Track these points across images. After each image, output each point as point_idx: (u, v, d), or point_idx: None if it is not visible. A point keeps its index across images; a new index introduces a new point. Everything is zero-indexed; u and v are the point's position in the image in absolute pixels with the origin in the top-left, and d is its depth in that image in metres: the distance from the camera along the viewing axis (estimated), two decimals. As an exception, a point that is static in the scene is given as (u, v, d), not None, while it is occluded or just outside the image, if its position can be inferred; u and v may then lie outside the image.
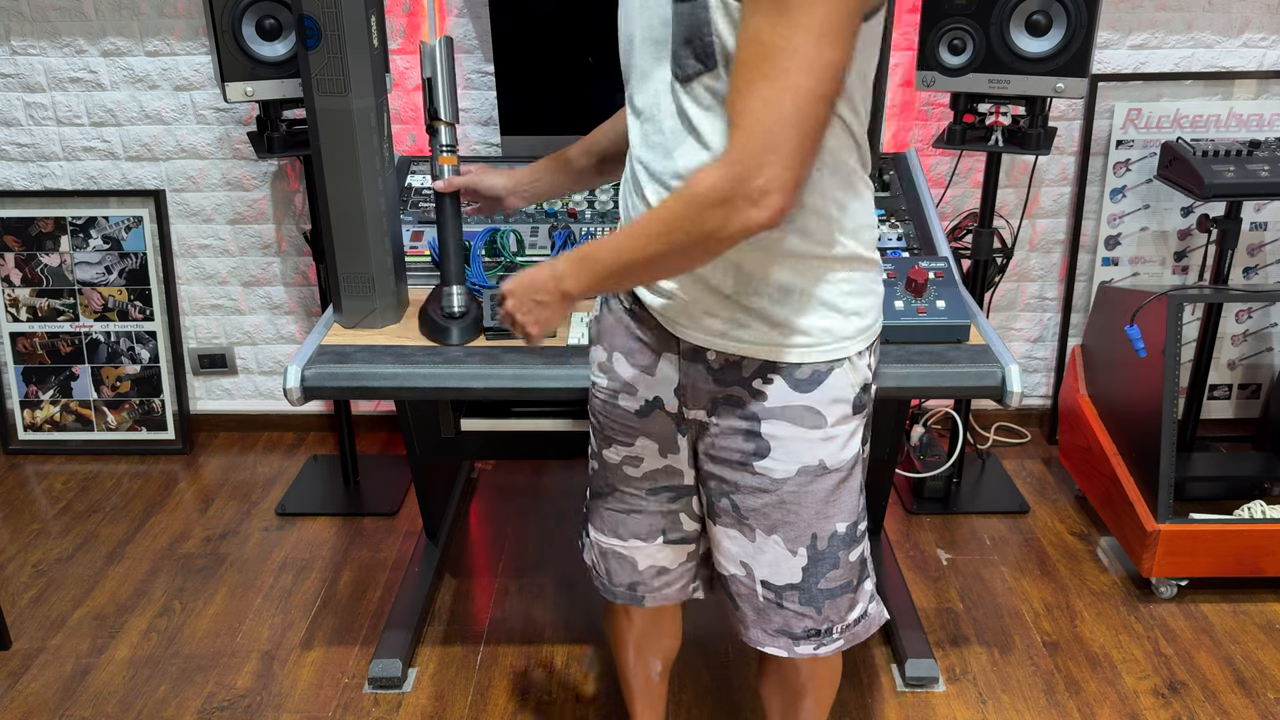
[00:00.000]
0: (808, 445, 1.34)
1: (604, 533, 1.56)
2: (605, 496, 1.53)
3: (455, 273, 1.84)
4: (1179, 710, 2.07)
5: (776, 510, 1.37)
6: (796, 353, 1.30)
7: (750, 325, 1.28)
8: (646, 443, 1.45)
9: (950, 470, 2.77)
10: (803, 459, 1.34)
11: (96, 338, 3.02)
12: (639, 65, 1.25)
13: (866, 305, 1.32)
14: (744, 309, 1.28)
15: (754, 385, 1.32)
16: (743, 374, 1.32)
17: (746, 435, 1.34)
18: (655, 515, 1.50)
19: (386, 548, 2.61)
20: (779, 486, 1.35)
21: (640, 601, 1.58)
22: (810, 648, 1.44)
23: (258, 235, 2.95)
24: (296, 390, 1.76)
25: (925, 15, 2.30)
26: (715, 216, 1.09)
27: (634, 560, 1.54)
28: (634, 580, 1.56)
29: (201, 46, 2.75)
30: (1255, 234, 2.90)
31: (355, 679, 2.17)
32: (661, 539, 1.52)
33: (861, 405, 1.36)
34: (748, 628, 1.47)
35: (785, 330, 1.28)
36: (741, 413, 1.34)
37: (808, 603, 1.42)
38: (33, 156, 2.89)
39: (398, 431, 3.16)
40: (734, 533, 1.41)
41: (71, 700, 2.11)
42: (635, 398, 1.43)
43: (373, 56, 1.81)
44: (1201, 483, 2.71)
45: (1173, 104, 2.77)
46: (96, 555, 2.58)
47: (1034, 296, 3.00)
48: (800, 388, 1.31)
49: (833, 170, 1.23)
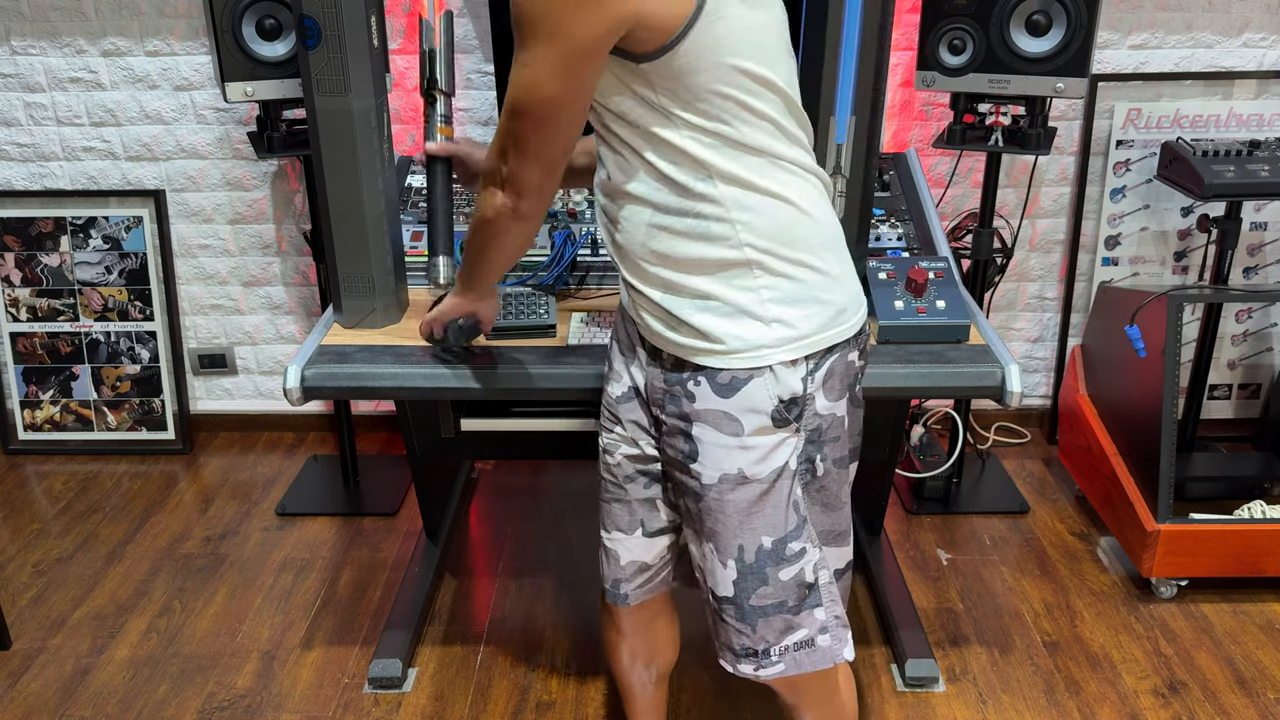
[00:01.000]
0: (726, 452, 1.34)
1: (601, 525, 1.59)
2: (600, 486, 1.58)
3: (444, 242, 1.76)
4: (1179, 710, 2.07)
5: (707, 517, 1.39)
6: (715, 358, 1.32)
7: (679, 329, 1.33)
8: (624, 429, 1.49)
9: (950, 470, 2.77)
10: (723, 465, 1.35)
11: (96, 338, 3.02)
12: None
13: (797, 315, 1.31)
14: (672, 315, 1.33)
15: (688, 386, 1.35)
16: (681, 374, 1.36)
17: (683, 435, 1.38)
18: (634, 504, 1.52)
19: (386, 548, 2.61)
20: (706, 492, 1.38)
21: (624, 600, 1.59)
22: (749, 667, 1.44)
23: (258, 235, 2.95)
24: (296, 390, 1.75)
25: (925, 15, 2.30)
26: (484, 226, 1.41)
27: (617, 555, 1.57)
28: (617, 577, 1.58)
29: (201, 46, 2.75)
30: (1255, 234, 2.90)
31: (355, 679, 2.17)
32: (640, 531, 1.54)
33: (784, 419, 1.33)
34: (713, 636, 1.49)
35: (705, 334, 1.32)
36: (679, 412, 1.37)
37: (742, 619, 1.42)
38: (33, 156, 2.89)
39: (398, 431, 3.16)
40: (689, 532, 1.46)
41: (71, 700, 2.11)
42: (620, 383, 1.49)
43: (373, 56, 1.81)
44: (1201, 483, 2.71)
45: (1173, 104, 2.77)
46: (96, 555, 2.58)
47: (1034, 296, 3.00)
48: (721, 392, 1.33)
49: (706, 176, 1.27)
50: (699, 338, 1.32)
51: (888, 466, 2.37)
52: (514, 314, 1.85)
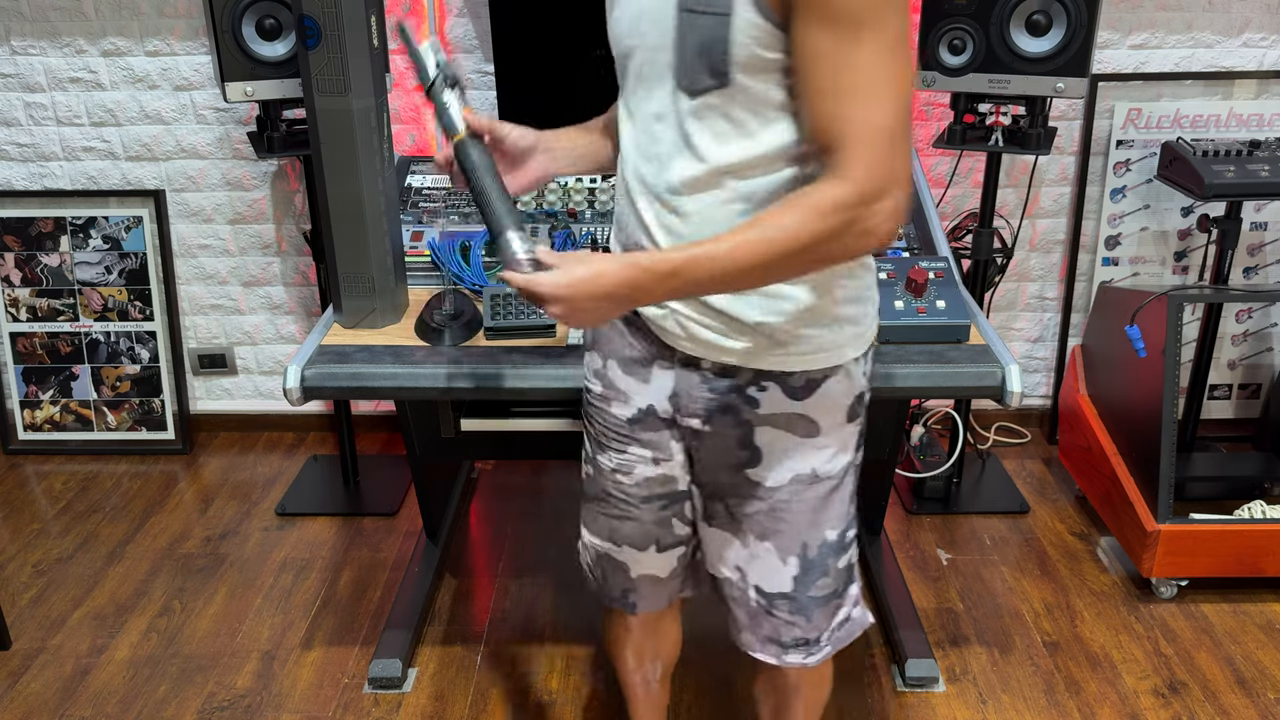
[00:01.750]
0: (800, 454, 1.33)
1: (599, 536, 1.54)
2: (599, 501, 1.51)
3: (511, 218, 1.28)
4: (1179, 710, 2.07)
5: (768, 518, 1.36)
6: (791, 361, 1.29)
7: (743, 336, 1.27)
8: (639, 451, 1.42)
9: (950, 470, 2.77)
10: (795, 468, 1.34)
11: (96, 338, 3.02)
12: (637, 73, 1.23)
13: (861, 312, 1.31)
14: (737, 320, 1.26)
15: (748, 393, 1.31)
16: (737, 382, 1.31)
17: (740, 443, 1.34)
18: (648, 524, 1.47)
19: (386, 548, 2.61)
20: (771, 495, 1.35)
21: (633, 608, 1.57)
22: (799, 657, 1.44)
23: (258, 235, 2.95)
24: (296, 390, 1.75)
25: (925, 15, 2.30)
26: (839, 246, 1.11)
27: (627, 567, 1.52)
28: (626, 587, 1.55)
29: (201, 46, 2.75)
30: (1255, 234, 2.90)
31: (355, 679, 2.17)
32: (654, 548, 1.49)
33: (855, 414, 1.36)
34: (740, 630, 1.47)
35: (779, 339, 1.27)
36: (735, 420, 1.33)
37: (797, 612, 1.41)
38: (33, 156, 2.89)
39: (398, 431, 3.16)
40: (728, 537, 1.41)
41: (71, 700, 2.11)
42: (628, 405, 1.40)
43: (373, 56, 1.81)
44: (1201, 483, 2.71)
45: (1173, 104, 2.77)
46: (96, 555, 2.58)
47: (1034, 296, 3.00)
48: (794, 395, 1.31)
49: None
50: (768, 341, 1.27)
51: (888, 466, 2.37)
52: (514, 314, 1.85)
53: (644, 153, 1.25)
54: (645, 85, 1.23)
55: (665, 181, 1.23)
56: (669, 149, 1.22)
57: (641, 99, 1.24)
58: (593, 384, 1.46)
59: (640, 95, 1.24)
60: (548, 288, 1.15)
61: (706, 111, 1.17)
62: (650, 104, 1.23)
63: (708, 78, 1.15)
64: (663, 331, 1.33)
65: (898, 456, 2.41)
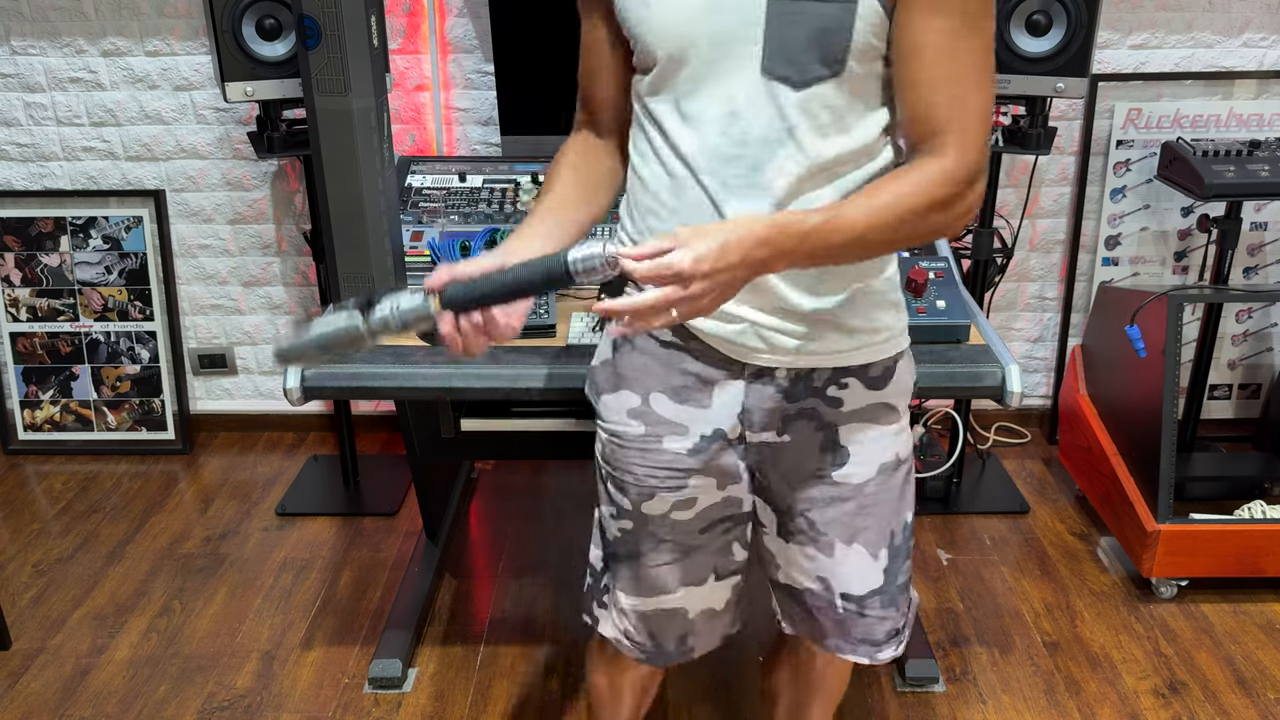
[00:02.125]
0: (885, 442, 1.34)
1: (645, 594, 1.41)
2: (644, 554, 1.39)
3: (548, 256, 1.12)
4: (1179, 710, 2.07)
5: (857, 517, 1.34)
6: (868, 352, 1.29)
7: (823, 336, 1.26)
8: (702, 480, 1.34)
9: (950, 470, 2.77)
10: (881, 457, 1.34)
11: (96, 338, 3.02)
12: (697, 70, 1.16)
13: (902, 295, 1.35)
14: (818, 321, 1.25)
15: (828, 394, 1.30)
16: (815, 384, 1.30)
17: (824, 446, 1.32)
18: (709, 553, 1.40)
19: (386, 548, 2.61)
20: (859, 492, 1.34)
21: (691, 654, 1.47)
22: (893, 650, 1.42)
23: (258, 235, 2.95)
24: (296, 390, 1.76)
25: (925, 15, 2.30)
26: (941, 219, 1.14)
27: (684, 610, 1.43)
28: (684, 632, 1.44)
29: (201, 46, 2.75)
30: (1255, 234, 2.90)
31: (355, 679, 2.17)
32: (713, 577, 1.42)
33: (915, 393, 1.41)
34: (825, 636, 1.43)
35: (856, 333, 1.27)
36: (818, 424, 1.31)
37: (889, 604, 1.39)
38: (33, 156, 2.89)
39: (398, 431, 3.16)
40: (810, 550, 1.37)
41: (71, 700, 2.11)
42: (686, 436, 1.32)
43: (373, 56, 1.81)
44: (1201, 483, 2.71)
45: (1173, 104, 2.77)
46: (96, 555, 2.58)
47: (1034, 296, 3.00)
48: (875, 385, 1.31)
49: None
50: (848, 337, 1.27)
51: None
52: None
53: (722, 156, 1.18)
54: (711, 82, 1.16)
55: (761, 181, 1.17)
56: (761, 148, 1.16)
57: (706, 98, 1.17)
58: (629, 426, 1.34)
59: (704, 94, 1.17)
60: (688, 264, 1.02)
61: (812, 103, 1.14)
62: (718, 103, 1.16)
63: (820, 67, 1.12)
64: (737, 349, 1.27)
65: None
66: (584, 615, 1.52)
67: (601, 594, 1.48)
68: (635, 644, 1.46)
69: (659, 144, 1.23)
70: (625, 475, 1.36)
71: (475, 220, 2.22)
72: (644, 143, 1.25)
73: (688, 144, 1.19)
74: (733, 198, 1.18)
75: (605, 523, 1.42)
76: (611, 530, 1.41)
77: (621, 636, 1.46)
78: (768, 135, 1.15)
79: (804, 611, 1.43)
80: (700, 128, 1.18)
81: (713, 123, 1.17)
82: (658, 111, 1.22)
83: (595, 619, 1.49)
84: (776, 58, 1.13)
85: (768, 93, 1.14)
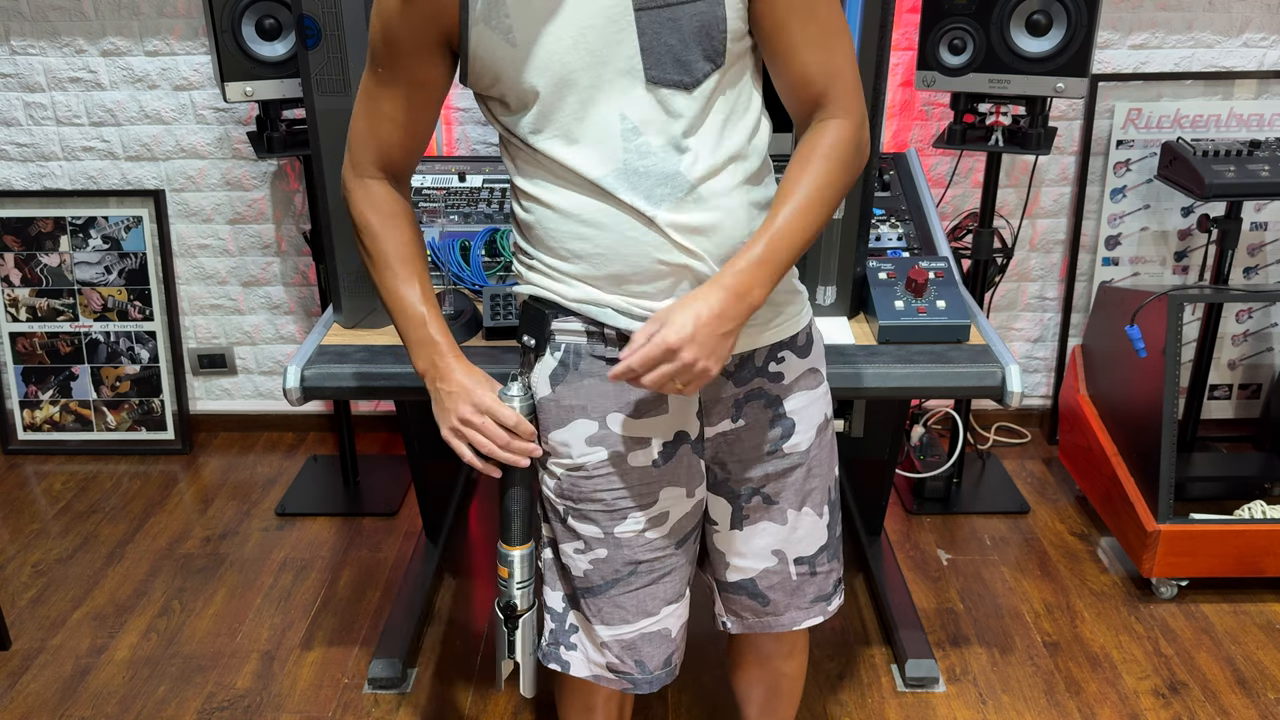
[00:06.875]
0: (817, 405, 1.40)
1: (626, 622, 1.39)
2: (621, 580, 1.37)
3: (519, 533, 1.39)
4: (1179, 710, 2.07)
5: (805, 480, 1.40)
6: (793, 323, 1.36)
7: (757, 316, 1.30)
8: (672, 490, 1.35)
9: (950, 470, 2.77)
10: (815, 419, 1.40)
11: (96, 338, 3.02)
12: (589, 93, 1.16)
13: None
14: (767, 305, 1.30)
15: (770, 370, 1.35)
16: (757, 364, 1.34)
17: (773, 422, 1.37)
18: (684, 565, 1.41)
19: (386, 548, 2.61)
20: (806, 457, 1.40)
21: (675, 673, 1.46)
22: (839, 598, 1.51)
23: (257, 235, 2.95)
24: (296, 390, 1.75)
25: (925, 15, 2.30)
26: (855, 171, 1.23)
27: (668, 630, 1.41)
28: (669, 652, 1.43)
29: (201, 46, 2.75)
30: (1255, 234, 2.90)
31: (355, 679, 2.17)
32: (687, 586, 1.43)
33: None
34: (780, 614, 1.47)
35: (779, 306, 1.33)
36: (765, 401, 1.36)
37: (834, 556, 1.48)
38: (32, 156, 2.89)
39: (398, 431, 3.16)
40: (764, 524, 1.41)
41: (71, 700, 2.11)
42: (650, 447, 1.32)
43: (373, 56, 1.81)
44: (1202, 483, 2.71)
45: (1173, 104, 2.77)
46: (96, 555, 2.58)
47: (1034, 296, 3.00)
48: (803, 352, 1.37)
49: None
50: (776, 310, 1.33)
51: (888, 466, 2.37)
52: (512, 314, 1.85)
53: (633, 170, 1.18)
54: (600, 103, 1.17)
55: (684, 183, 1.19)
56: (667, 153, 1.18)
57: (599, 121, 1.17)
58: (589, 455, 1.32)
59: (594, 117, 1.17)
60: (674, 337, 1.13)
61: (709, 98, 1.19)
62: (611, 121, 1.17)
63: (706, 63, 1.17)
64: None
65: (898, 457, 2.41)
66: (550, 664, 1.45)
67: (568, 635, 1.44)
68: (620, 674, 1.42)
69: (560, 172, 1.21)
70: (590, 505, 1.34)
71: (475, 220, 2.22)
72: (539, 172, 1.24)
73: (593, 168, 1.19)
74: (661, 208, 1.19)
75: (569, 560, 1.39)
76: (580, 565, 1.38)
77: (603, 671, 1.42)
78: (670, 141, 1.18)
79: (757, 601, 1.46)
80: (599, 148, 1.18)
81: (610, 141, 1.18)
82: (546, 147, 1.20)
83: (565, 664, 1.44)
84: (661, 65, 1.16)
85: (657, 101, 1.17)
